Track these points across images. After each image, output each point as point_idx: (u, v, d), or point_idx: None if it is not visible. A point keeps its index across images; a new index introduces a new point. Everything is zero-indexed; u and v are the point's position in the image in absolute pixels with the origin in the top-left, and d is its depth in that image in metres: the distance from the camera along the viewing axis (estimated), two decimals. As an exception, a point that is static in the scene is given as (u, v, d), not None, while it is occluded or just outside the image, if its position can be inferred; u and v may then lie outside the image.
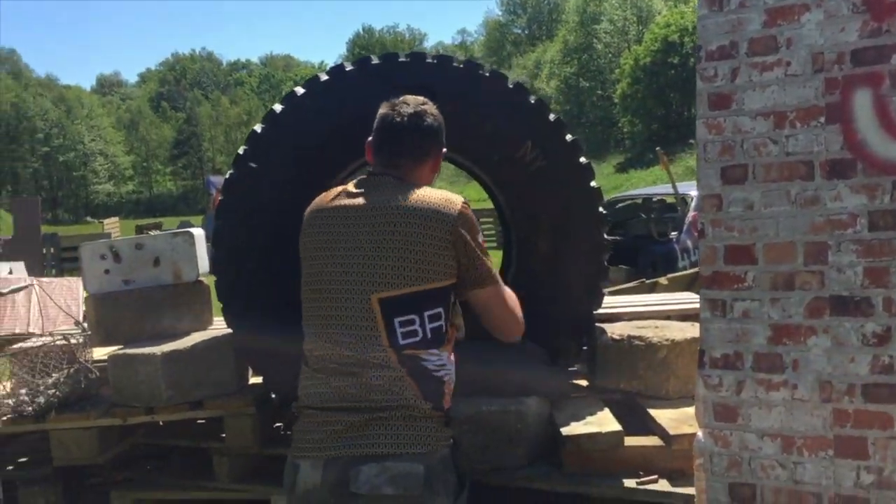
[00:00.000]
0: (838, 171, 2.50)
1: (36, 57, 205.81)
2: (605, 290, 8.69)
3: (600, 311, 4.27)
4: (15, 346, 4.01)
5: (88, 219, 61.10)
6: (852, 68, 2.49)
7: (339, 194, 2.32)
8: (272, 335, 3.34)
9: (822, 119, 2.52)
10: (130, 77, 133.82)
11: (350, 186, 2.33)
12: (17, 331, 6.43)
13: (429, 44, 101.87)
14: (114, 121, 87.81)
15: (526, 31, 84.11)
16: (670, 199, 11.10)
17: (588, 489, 3.07)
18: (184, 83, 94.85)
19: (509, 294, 2.40)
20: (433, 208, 2.19)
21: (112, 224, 31.31)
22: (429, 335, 2.17)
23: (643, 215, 10.86)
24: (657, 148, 13.44)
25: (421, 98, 2.41)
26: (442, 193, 2.26)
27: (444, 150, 2.47)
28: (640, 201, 12.09)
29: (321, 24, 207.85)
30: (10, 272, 11.82)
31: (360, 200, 2.26)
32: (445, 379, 2.20)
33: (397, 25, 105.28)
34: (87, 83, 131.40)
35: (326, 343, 2.19)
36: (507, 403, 3.14)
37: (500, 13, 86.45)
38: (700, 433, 2.73)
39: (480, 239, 2.28)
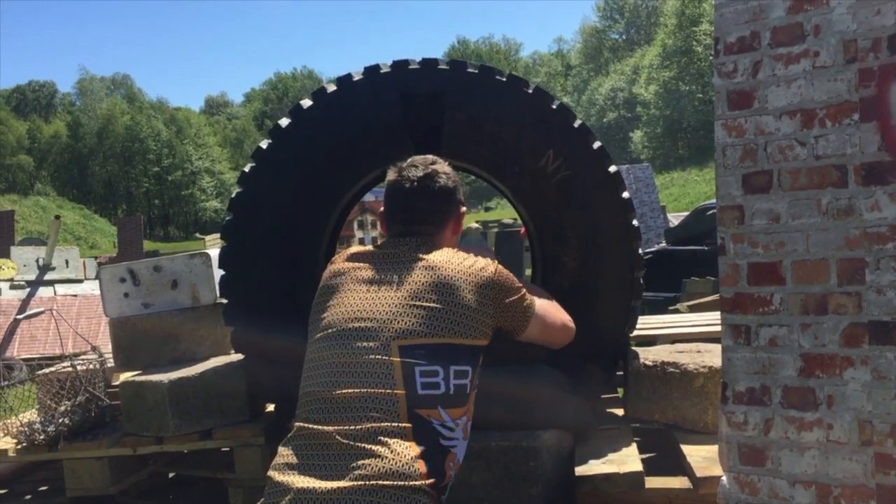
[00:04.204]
0: (876, 175, 2.15)
1: (148, 81, 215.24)
2: (685, 305, 8.28)
3: (644, 332, 3.96)
4: (43, 371, 3.97)
5: (198, 235, 63.31)
6: (890, 56, 2.14)
7: (357, 255, 2.17)
8: (281, 361, 3.17)
9: (856, 116, 2.18)
10: (236, 97, 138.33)
11: (370, 248, 2.17)
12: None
13: (525, 53, 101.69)
14: (220, 139, 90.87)
15: (623, 37, 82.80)
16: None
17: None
18: (286, 101, 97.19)
19: (551, 313, 2.26)
20: (464, 272, 2.03)
21: (213, 240, 32.18)
22: (452, 390, 1.92)
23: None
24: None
25: (430, 157, 2.24)
26: (472, 258, 2.09)
27: (464, 208, 2.30)
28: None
29: (417, 39, 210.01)
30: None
31: (384, 261, 2.10)
32: (453, 450, 1.90)
33: (492, 36, 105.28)
34: (197, 105, 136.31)
35: (322, 403, 1.91)
36: (519, 438, 2.86)
37: (596, 19, 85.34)
38: (724, 478, 2.40)
39: (515, 295, 2.11)
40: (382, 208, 2.25)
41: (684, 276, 10.22)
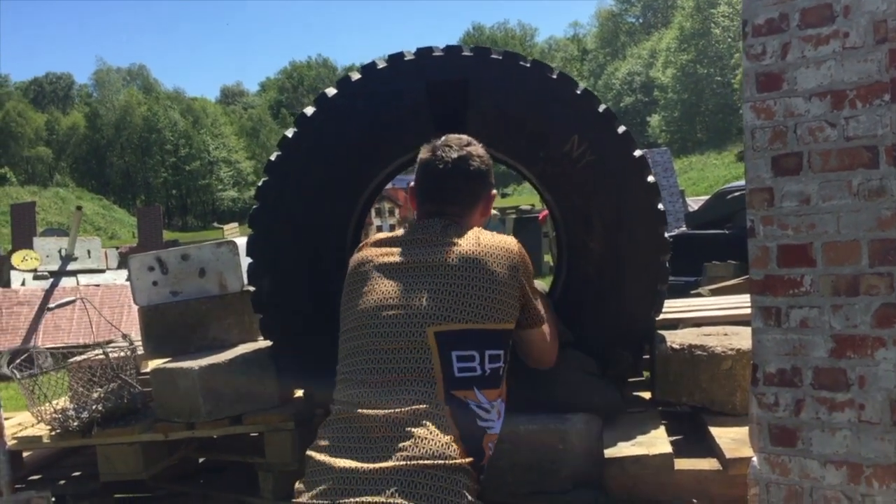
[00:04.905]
0: (907, 156, 2.14)
1: (164, 71, 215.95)
2: (707, 289, 8.26)
3: (668, 315, 3.97)
4: (74, 358, 4.02)
5: (215, 224, 63.62)
6: (922, 36, 2.13)
7: (384, 240, 2.20)
8: (310, 348, 3.21)
9: (887, 97, 2.17)
10: (252, 86, 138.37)
11: (398, 232, 2.21)
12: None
13: (540, 38, 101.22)
14: (236, 129, 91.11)
15: (640, 20, 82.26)
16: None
17: (634, 516, 2.79)
18: (301, 90, 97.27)
19: (552, 332, 2.34)
20: (493, 252, 2.07)
21: (231, 229, 32.37)
22: (487, 372, 1.99)
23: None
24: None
25: (465, 138, 2.27)
26: (498, 237, 2.14)
27: (495, 191, 2.33)
28: (751, 191, 11.44)
29: (431, 25, 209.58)
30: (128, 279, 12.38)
31: (412, 246, 2.13)
32: (490, 432, 1.98)
33: (507, 22, 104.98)
34: (212, 94, 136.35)
35: (361, 388, 1.96)
36: (547, 421, 2.89)
37: (612, 3, 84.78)
38: (755, 458, 2.41)
39: (532, 286, 2.18)
40: (412, 184, 2.28)
41: (705, 260, 10.19)
